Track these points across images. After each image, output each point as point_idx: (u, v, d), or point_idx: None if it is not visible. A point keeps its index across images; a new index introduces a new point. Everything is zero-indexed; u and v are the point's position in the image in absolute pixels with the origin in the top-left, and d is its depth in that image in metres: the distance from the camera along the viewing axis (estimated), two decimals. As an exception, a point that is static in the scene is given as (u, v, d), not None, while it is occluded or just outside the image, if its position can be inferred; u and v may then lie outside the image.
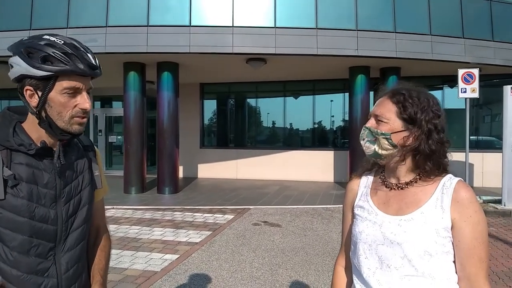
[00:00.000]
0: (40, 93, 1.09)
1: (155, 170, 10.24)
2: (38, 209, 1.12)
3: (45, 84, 1.09)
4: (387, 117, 1.21)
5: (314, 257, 4.94)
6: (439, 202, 1.16)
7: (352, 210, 1.36)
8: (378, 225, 1.22)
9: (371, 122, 1.24)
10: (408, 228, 1.16)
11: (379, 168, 1.34)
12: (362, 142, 1.25)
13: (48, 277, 1.16)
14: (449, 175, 1.22)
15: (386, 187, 1.28)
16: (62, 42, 1.09)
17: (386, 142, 1.20)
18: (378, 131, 1.21)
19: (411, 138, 1.20)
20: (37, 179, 1.13)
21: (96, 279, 1.31)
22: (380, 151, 1.22)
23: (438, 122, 1.20)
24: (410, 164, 1.23)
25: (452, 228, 1.15)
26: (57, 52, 1.07)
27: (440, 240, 1.14)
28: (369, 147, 1.24)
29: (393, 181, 1.27)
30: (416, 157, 1.20)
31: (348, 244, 1.39)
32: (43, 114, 1.11)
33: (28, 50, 1.07)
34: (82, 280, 1.29)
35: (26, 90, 1.10)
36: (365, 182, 1.36)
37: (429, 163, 1.19)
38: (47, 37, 1.10)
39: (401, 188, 1.24)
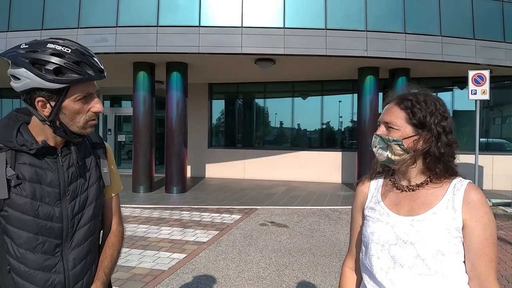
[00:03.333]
0: (53, 103, 1.10)
1: (163, 169, 10.31)
2: (42, 207, 1.14)
3: (58, 94, 1.10)
4: (398, 124, 1.23)
5: (321, 258, 4.93)
6: (451, 203, 1.19)
7: (363, 212, 1.38)
8: (391, 225, 1.24)
9: (382, 130, 1.27)
10: (421, 228, 1.18)
11: (389, 170, 1.36)
12: (374, 149, 1.28)
13: (55, 273, 1.19)
14: (459, 178, 1.24)
15: (397, 189, 1.30)
16: (69, 50, 1.09)
17: (399, 148, 1.23)
18: (390, 138, 1.24)
19: (421, 142, 1.22)
20: (41, 178, 1.15)
21: (99, 276, 1.33)
22: (393, 157, 1.25)
23: (446, 124, 1.23)
24: (421, 166, 1.25)
25: (463, 228, 1.17)
26: (67, 62, 1.07)
27: (452, 240, 1.16)
28: (382, 153, 1.27)
29: (404, 183, 1.29)
30: (427, 159, 1.23)
31: (357, 245, 1.40)
32: (57, 122, 1.13)
33: (35, 61, 1.05)
34: (92, 275, 1.31)
35: (38, 101, 1.10)
36: (375, 185, 1.38)
37: (439, 165, 1.22)
38: (52, 45, 1.08)
39: (412, 190, 1.26)
